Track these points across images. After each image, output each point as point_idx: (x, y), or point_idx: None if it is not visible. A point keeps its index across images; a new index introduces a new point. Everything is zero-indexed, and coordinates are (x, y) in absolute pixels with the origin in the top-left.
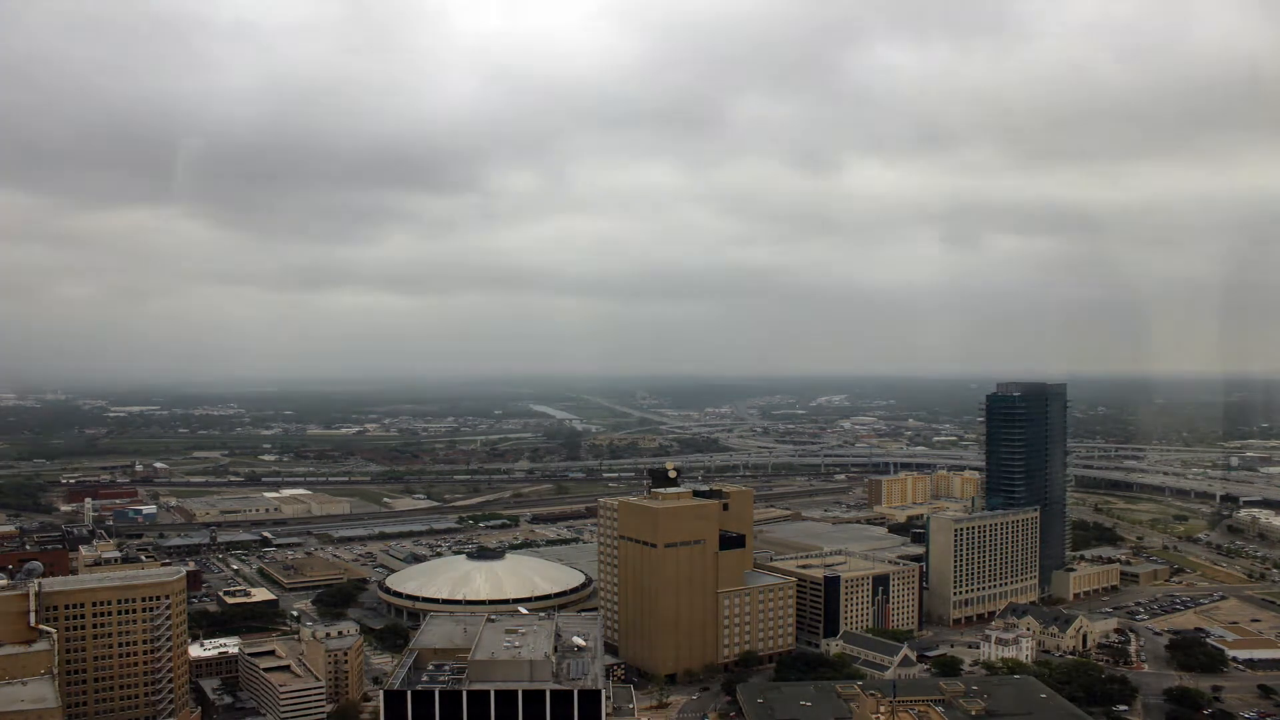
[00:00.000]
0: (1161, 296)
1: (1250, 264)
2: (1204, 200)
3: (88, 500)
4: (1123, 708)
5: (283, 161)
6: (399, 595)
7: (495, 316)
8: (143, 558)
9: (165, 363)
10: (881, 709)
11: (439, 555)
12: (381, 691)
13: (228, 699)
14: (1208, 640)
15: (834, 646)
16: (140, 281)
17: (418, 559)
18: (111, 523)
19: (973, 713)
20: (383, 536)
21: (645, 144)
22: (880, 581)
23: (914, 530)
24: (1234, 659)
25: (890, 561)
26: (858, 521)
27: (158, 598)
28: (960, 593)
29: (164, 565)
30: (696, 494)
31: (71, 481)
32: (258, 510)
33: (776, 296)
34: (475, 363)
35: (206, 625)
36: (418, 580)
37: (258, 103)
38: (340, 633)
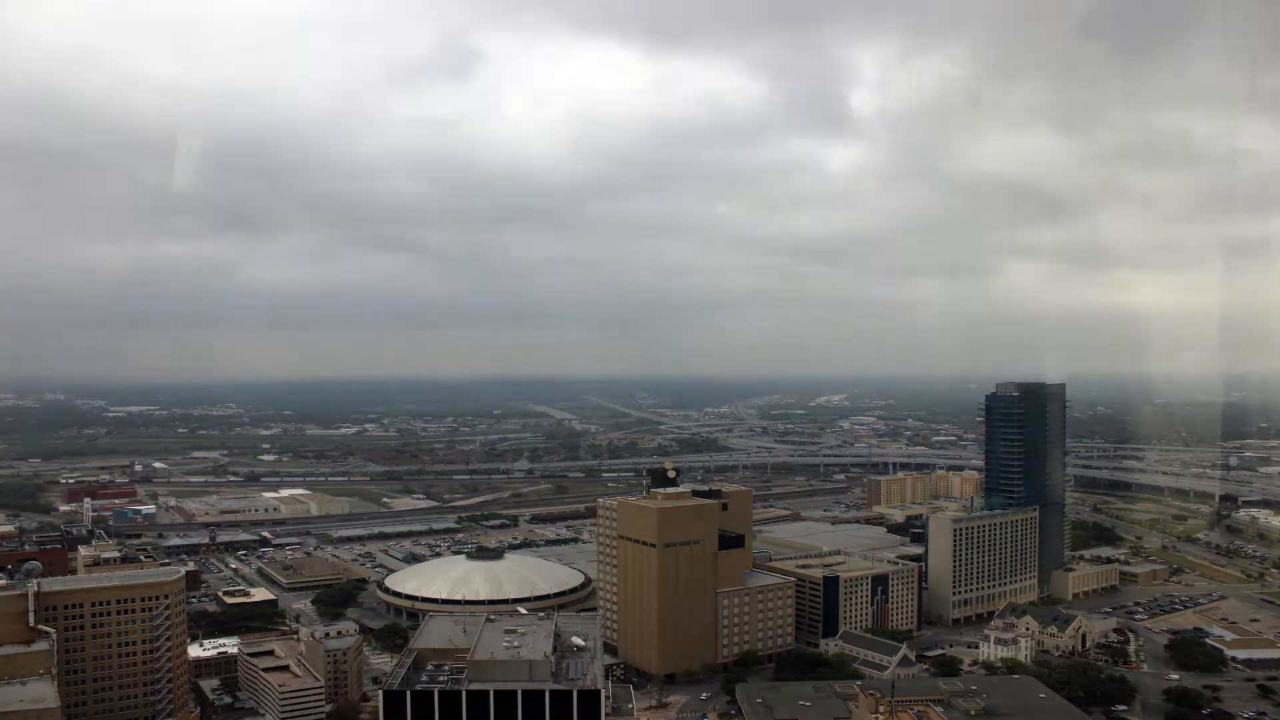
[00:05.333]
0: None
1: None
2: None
3: (87, 500)
4: (1122, 707)
5: None
6: (398, 595)
7: None
8: (142, 558)
9: None
10: (880, 709)
11: (438, 555)
12: (381, 691)
13: (227, 699)
14: (1206, 640)
15: (833, 646)
16: None
17: (417, 559)
18: (111, 523)
19: (972, 713)
20: (382, 536)
21: None
22: (879, 581)
23: (913, 530)
24: (1233, 659)
25: (889, 561)
26: (857, 521)
27: (157, 598)
28: (959, 593)
29: (163, 565)
30: (696, 494)
31: (71, 481)
32: (257, 510)
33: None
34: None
35: (206, 625)
36: (417, 580)
37: None
38: (339, 633)
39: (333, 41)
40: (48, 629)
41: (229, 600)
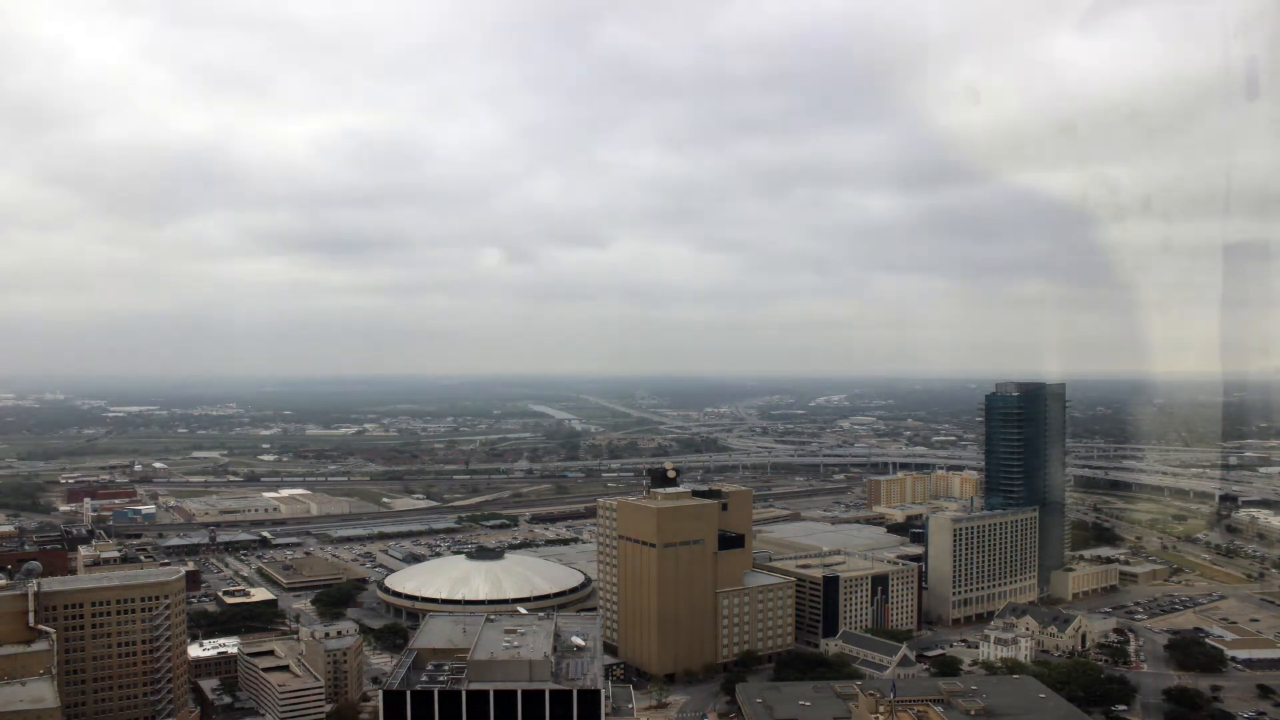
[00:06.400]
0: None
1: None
2: None
3: (87, 500)
4: (1122, 707)
5: None
6: (398, 595)
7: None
8: (142, 558)
9: None
10: (880, 709)
11: (438, 555)
12: (380, 691)
13: (227, 699)
14: (1206, 640)
15: (833, 646)
16: None
17: (417, 559)
18: (111, 523)
19: (971, 713)
20: (382, 536)
21: None
22: (879, 581)
23: (913, 530)
24: (1233, 659)
25: (889, 561)
26: (857, 521)
27: (157, 598)
28: (959, 592)
29: (163, 565)
30: (695, 494)
31: (71, 481)
32: (257, 510)
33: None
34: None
35: (205, 625)
36: (417, 580)
37: None
38: (339, 633)
39: None
40: (48, 629)
41: (229, 600)
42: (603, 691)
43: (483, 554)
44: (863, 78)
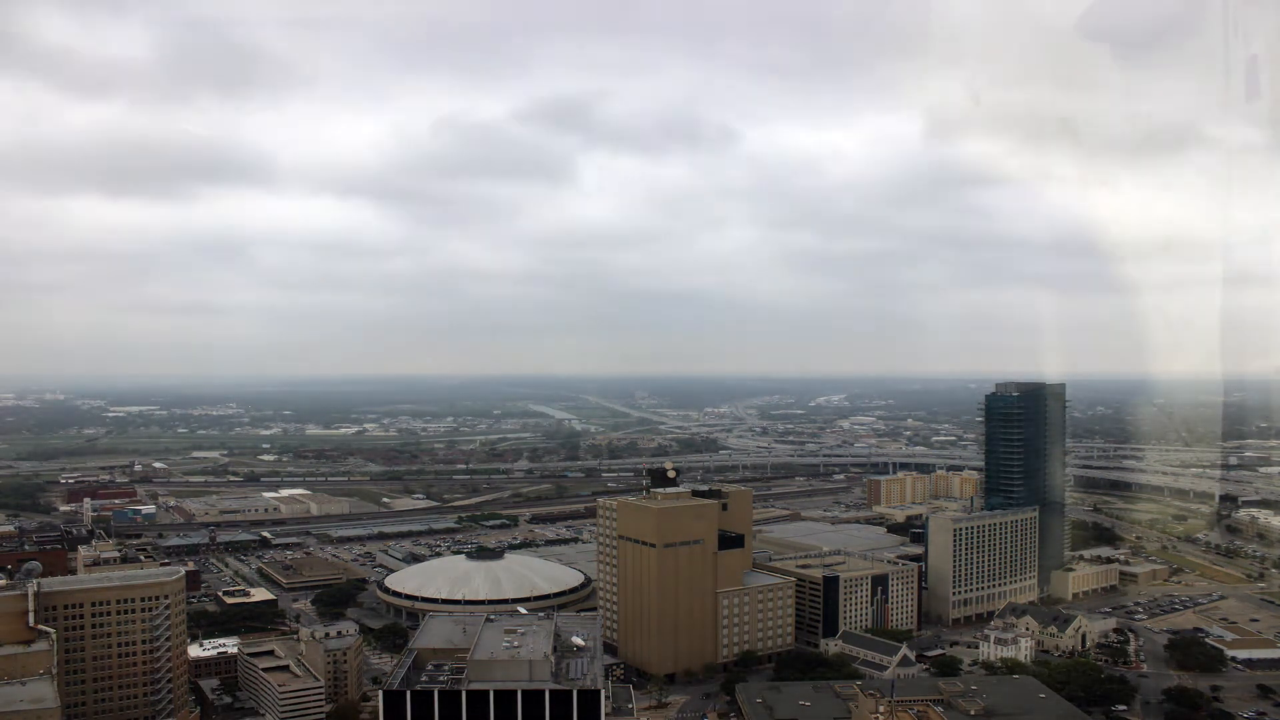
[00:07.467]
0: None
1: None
2: None
3: (87, 500)
4: (1121, 707)
5: None
6: (398, 595)
7: None
8: (141, 558)
9: None
10: (880, 709)
11: (438, 555)
12: (380, 691)
13: (227, 699)
14: (1206, 640)
15: (833, 646)
16: None
17: (417, 559)
18: (111, 523)
19: (972, 713)
20: (382, 536)
21: None
22: (879, 581)
23: (913, 530)
24: (1233, 659)
25: (889, 561)
26: (857, 521)
27: (156, 598)
28: (959, 592)
29: (163, 565)
30: (695, 494)
31: (70, 481)
32: (257, 510)
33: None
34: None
35: (205, 625)
36: (417, 580)
37: None
38: (339, 633)
39: None
40: (48, 629)
41: (229, 600)
42: (603, 691)
43: (483, 554)
44: None
